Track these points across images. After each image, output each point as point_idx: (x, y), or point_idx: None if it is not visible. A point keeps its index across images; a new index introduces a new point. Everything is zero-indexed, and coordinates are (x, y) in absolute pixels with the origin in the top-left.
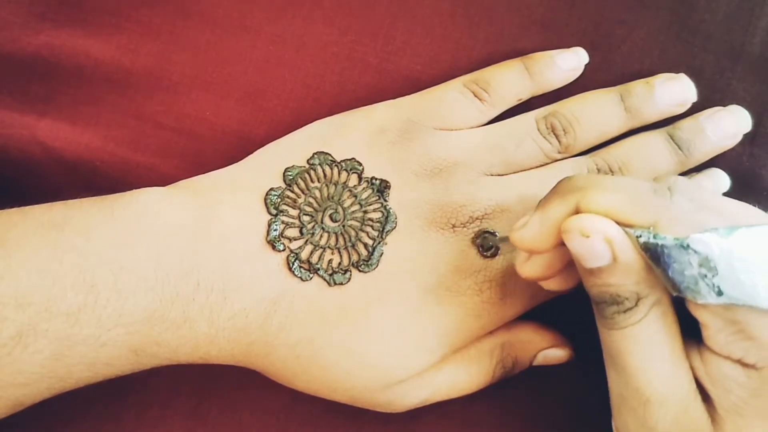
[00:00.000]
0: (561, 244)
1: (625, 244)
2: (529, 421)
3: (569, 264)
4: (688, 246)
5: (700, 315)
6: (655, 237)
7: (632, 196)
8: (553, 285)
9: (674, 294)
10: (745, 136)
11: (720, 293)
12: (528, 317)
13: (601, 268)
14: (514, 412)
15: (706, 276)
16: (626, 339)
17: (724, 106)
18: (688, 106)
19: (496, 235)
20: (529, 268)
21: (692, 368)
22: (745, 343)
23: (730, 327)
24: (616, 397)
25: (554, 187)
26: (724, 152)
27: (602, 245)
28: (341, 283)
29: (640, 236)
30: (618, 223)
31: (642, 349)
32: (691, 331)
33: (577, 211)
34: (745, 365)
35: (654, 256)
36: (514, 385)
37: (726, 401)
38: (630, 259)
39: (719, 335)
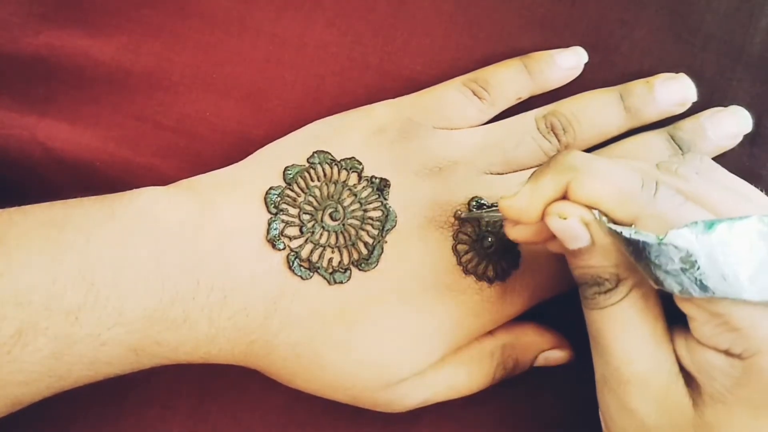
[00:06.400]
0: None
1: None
2: (529, 422)
3: None
4: (667, 243)
5: (685, 308)
6: (635, 233)
7: (618, 189)
8: (554, 247)
9: (656, 287)
10: (746, 136)
11: (702, 287)
12: (528, 317)
13: (581, 249)
14: (513, 413)
15: (687, 270)
16: (606, 319)
17: (725, 106)
18: (688, 105)
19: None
20: (517, 232)
21: (678, 356)
22: (730, 335)
23: (715, 319)
24: (599, 379)
25: (550, 161)
26: (725, 152)
27: (580, 227)
28: (341, 282)
29: (621, 232)
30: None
31: (621, 329)
32: (677, 319)
33: (566, 191)
34: (730, 355)
35: (636, 251)
36: (513, 386)
37: (710, 388)
38: (608, 241)
39: (705, 327)
